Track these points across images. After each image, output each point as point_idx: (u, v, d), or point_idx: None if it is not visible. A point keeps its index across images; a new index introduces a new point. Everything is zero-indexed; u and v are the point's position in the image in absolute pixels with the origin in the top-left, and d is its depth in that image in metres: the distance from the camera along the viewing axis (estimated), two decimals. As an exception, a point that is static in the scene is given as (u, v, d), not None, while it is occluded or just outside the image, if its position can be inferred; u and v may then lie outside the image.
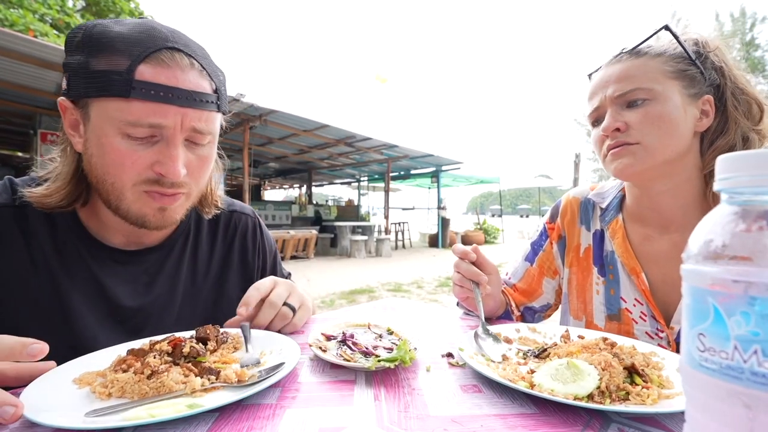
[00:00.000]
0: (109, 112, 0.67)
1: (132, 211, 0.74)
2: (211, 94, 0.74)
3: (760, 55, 23.10)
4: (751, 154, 0.28)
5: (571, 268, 1.05)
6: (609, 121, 0.85)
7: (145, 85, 0.66)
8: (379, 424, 0.49)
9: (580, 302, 1.02)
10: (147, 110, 0.67)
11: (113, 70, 0.66)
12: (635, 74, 0.83)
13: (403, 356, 0.63)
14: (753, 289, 0.25)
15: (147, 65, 0.67)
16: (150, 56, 0.67)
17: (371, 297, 5.92)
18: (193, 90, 0.71)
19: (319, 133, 10.20)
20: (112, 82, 0.66)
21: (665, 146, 0.82)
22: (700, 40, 0.87)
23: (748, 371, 0.25)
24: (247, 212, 1.08)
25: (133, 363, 0.58)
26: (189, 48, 0.72)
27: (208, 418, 0.50)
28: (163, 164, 0.71)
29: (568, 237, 1.08)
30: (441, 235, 14.60)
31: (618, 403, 0.53)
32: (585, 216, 1.05)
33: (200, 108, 0.72)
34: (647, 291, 0.89)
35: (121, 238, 0.84)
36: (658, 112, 0.81)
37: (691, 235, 0.31)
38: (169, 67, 0.69)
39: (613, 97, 0.85)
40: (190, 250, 0.94)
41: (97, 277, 0.81)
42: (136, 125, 0.68)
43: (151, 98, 0.67)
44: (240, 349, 0.72)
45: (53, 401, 0.51)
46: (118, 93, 0.66)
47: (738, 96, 0.85)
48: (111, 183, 0.72)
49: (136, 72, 0.66)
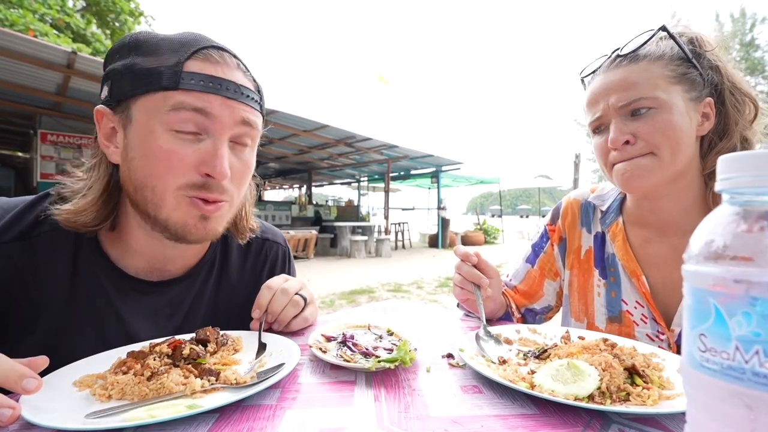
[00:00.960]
0: (155, 104, 0.66)
1: (172, 219, 0.70)
2: (255, 93, 0.75)
3: (760, 55, 23.10)
4: (752, 155, 0.28)
5: (572, 270, 1.05)
6: (616, 134, 0.82)
7: (193, 76, 0.66)
8: (380, 424, 0.48)
9: (581, 304, 1.02)
10: (194, 97, 0.67)
11: (161, 65, 0.66)
12: (637, 81, 0.80)
13: (404, 357, 0.63)
14: (754, 289, 0.25)
15: (195, 60, 0.68)
16: (198, 52, 0.68)
17: (371, 297, 5.91)
18: (240, 84, 0.71)
19: (319, 133, 10.20)
20: (160, 75, 0.66)
21: (675, 157, 0.80)
22: (696, 38, 0.85)
23: (749, 372, 0.25)
24: (279, 241, 1.04)
25: (133, 365, 0.58)
26: (234, 52, 0.74)
27: (208, 418, 0.49)
28: (210, 164, 0.69)
29: (568, 239, 1.07)
30: (441, 236, 14.60)
31: (618, 403, 0.53)
32: (586, 218, 1.05)
33: (246, 102, 0.72)
34: (648, 293, 0.89)
35: (144, 264, 0.80)
36: (665, 121, 0.79)
37: (693, 236, 0.31)
38: (217, 63, 0.70)
39: (617, 106, 0.82)
40: (215, 279, 0.90)
41: (118, 311, 0.77)
42: (181, 109, 0.66)
43: (199, 88, 0.67)
44: (240, 351, 0.72)
45: (53, 403, 0.51)
46: (165, 85, 0.65)
47: (736, 95, 0.84)
48: (152, 187, 0.69)
49: (185, 65, 0.67)
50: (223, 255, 0.93)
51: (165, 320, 0.83)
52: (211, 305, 0.89)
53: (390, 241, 12.69)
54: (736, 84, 0.84)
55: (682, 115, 0.79)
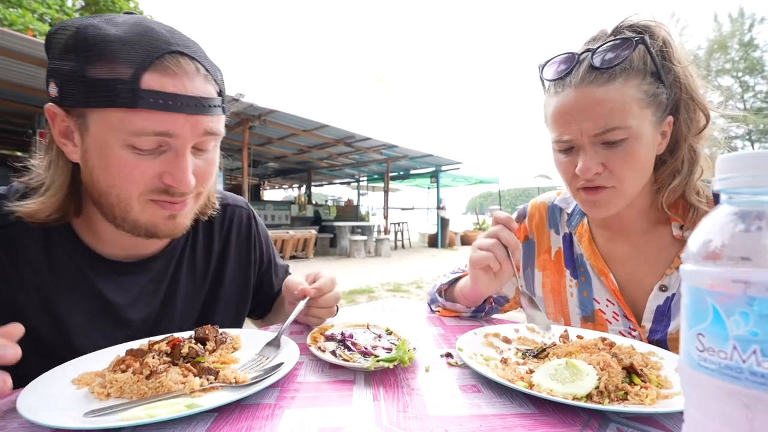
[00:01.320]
0: (113, 123, 0.64)
1: (141, 222, 0.71)
2: (217, 98, 0.73)
3: (759, 55, 23.14)
4: (751, 155, 0.28)
5: (544, 271, 1.06)
6: (587, 164, 0.79)
7: (152, 95, 0.63)
8: (378, 424, 0.48)
9: (557, 305, 1.03)
10: (154, 120, 0.64)
11: (116, 78, 0.62)
12: (613, 108, 0.75)
13: (402, 356, 0.63)
14: (752, 289, 0.25)
15: (153, 73, 0.64)
16: (154, 63, 0.64)
17: (370, 297, 5.91)
18: (201, 96, 0.69)
19: (319, 133, 10.20)
20: (116, 92, 0.62)
21: (637, 187, 0.82)
22: (665, 42, 0.80)
23: (747, 371, 0.25)
24: (241, 204, 1.05)
25: (132, 363, 0.58)
26: (191, 50, 0.70)
27: (207, 418, 0.49)
28: (173, 175, 0.68)
29: (537, 240, 1.08)
30: (440, 235, 14.61)
31: (617, 402, 0.53)
32: (553, 220, 1.07)
33: (209, 114, 0.70)
34: (617, 290, 0.91)
35: (119, 252, 0.81)
36: (635, 153, 0.77)
37: (691, 236, 0.31)
38: (176, 75, 0.66)
39: (591, 134, 0.77)
40: (189, 252, 0.93)
41: (102, 293, 0.78)
42: (142, 135, 0.65)
43: (160, 107, 0.64)
44: (239, 349, 0.72)
45: (52, 401, 0.51)
46: (123, 104, 0.62)
47: (690, 108, 0.82)
48: (117, 195, 0.69)
49: (142, 81, 0.63)
50: (194, 228, 0.93)
51: (150, 296, 0.84)
52: (190, 276, 0.92)
53: (389, 240, 12.70)
54: (692, 95, 0.81)
55: (648, 144, 0.78)
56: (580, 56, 0.80)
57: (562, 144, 0.83)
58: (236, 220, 1.02)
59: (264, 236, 1.10)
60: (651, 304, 0.86)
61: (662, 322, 0.85)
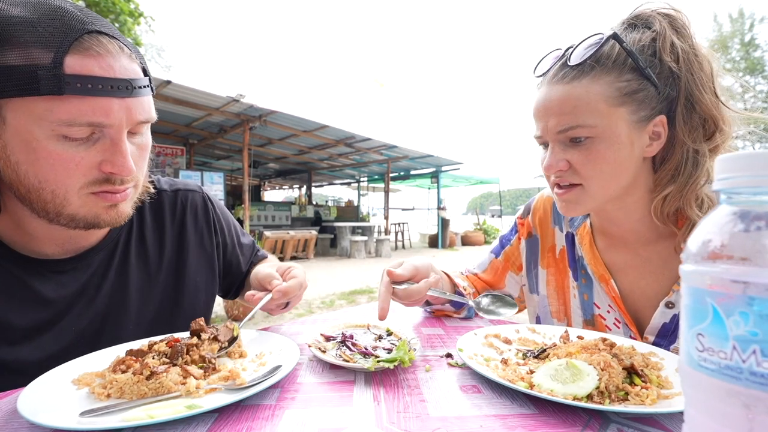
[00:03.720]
0: (38, 112, 0.59)
1: (80, 216, 0.68)
2: (144, 78, 0.68)
3: (760, 55, 23.13)
4: (750, 155, 0.28)
5: (548, 269, 1.03)
6: (550, 161, 0.80)
7: (79, 79, 0.59)
8: (379, 424, 0.49)
9: (560, 304, 1.01)
10: (85, 107, 0.60)
11: (34, 64, 0.57)
12: (577, 106, 0.74)
13: (403, 357, 0.63)
14: (751, 289, 0.25)
15: (75, 56, 0.59)
16: (74, 45, 0.59)
17: (371, 297, 5.91)
18: (130, 78, 0.64)
19: (319, 133, 10.20)
20: (37, 79, 0.57)
21: (607, 188, 0.79)
22: (660, 33, 0.75)
23: (746, 371, 0.25)
24: (193, 188, 1.00)
25: (132, 364, 0.58)
26: (108, 28, 0.64)
27: (207, 418, 0.49)
28: (113, 163, 0.65)
29: (541, 237, 1.06)
30: (441, 236, 14.60)
31: (617, 403, 0.53)
32: (557, 217, 1.04)
33: (140, 95, 0.66)
34: (618, 298, 0.88)
35: (55, 248, 0.76)
36: (601, 152, 0.75)
37: (690, 236, 0.31)
38: (100, 55, 0.61)
39: (555, 132, 0.78)
40: (136, 241, 0.88)
41: (42, 295, 0.73)
42: (73, 125, 0.60)
43: (89, 93, 0.60)
44: (245, 357, 0.71)
45: (52, 402, 0.51)
46: (48, 91, 0.57)
47: (689, 110, 0.76)
48: (51, 191, 0.64)
49: (65, 65, 0.58)
50: (140, 216, 0.89)
51: (95, 290, 0.80)
52: (142, 266, 0.87)
53: (390, 241, 12.69)
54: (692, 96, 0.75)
55: (621, 144, 0.75)
56: (565, 53, 0.79)
57: (538, 139, 0.85)
58: (190, 204, 0.98)
59: (225, 217, 1.06)
60: (656, 321, 0.82)
61: (667, 337, 0.82)
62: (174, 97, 7.58)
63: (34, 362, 0.70)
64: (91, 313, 0.79)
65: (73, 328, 0.77)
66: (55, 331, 0.75)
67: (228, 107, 8.17)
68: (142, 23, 12.98)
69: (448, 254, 12.49)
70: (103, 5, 11.62)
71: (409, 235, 15.59)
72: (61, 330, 0.75)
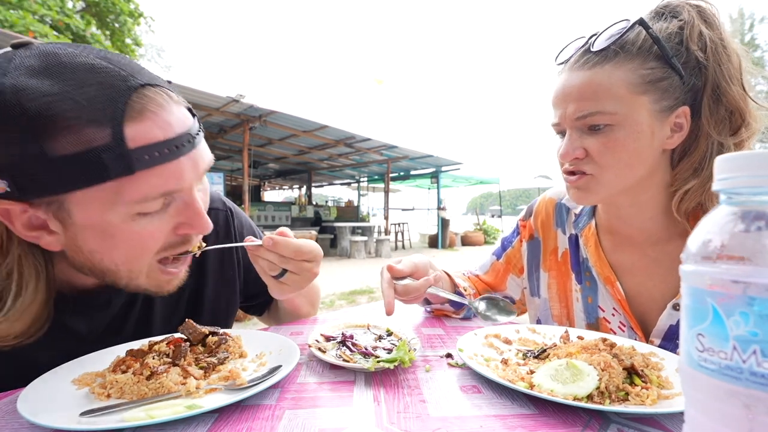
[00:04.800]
0: (107, 198, 0.53)
1: (142, 287, 0.65)
2: (195, 122, 0.63)
3: (760, 55, 23.13)
4: (750, 155, 0.28)
5: (550, 272, 1.02)
6: (566, 148, 0.78)
7: (146, 151, 0.53)
8: (379, 424, 0.49)
9: (562, 307, 0.99)
10: (157, 179, 0.55)
11: (94, 147, 0.50)
12: (598, 91, 0.73)
13: (403, 357, 0.63)
14: (752, 289, 0.25)
15: (132, 124, 0.52)
16: (127, 109, 0.52)
17: (371, 298, 5.91)
18: (187, 132, 0.59)
19: (319, 133, 10.19)
20: (103, 163, 0.50)
21: (622, 177, 0.77)
22: (687, 22, 0.74)
23: (747, 371, 0.25)
24: (217, 206, 0.94)
25: (133, 364, 0.58)
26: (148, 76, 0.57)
27: (207, 418, 0.49)
28: (191, 224, 0.62)
29: (543, 239, 1.04)
30: (441, 236, 14.59)
31: (617, 403, 0.53)
32: (560, 219, 1.02)
33: (199, 144, 0.62)
34: (623, 301, 0.86)
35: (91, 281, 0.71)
36: (620, 141, 0.73)
37: (690, 236, 0.31)
38: (156, 114, 0.54)
39: (573, 118, 0.76)
40: None
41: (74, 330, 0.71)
42: (149, 200, 0.56)
43: (159, 162, 0.54)
44: (245, 357, 0.71)
45: (52, 402, 0.51)
46: (118, 173, 0.51)
47: (714, 101, 0.74)
48: (128, 270, 0.61)
49: (126, 138, 0.51)
50: None
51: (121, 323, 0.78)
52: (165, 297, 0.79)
53: (390, 241, 12.69)
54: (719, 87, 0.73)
55: (641, 133, 0.73)
56: (588, 41, 0.78)
57: (555, 127, 0.83)
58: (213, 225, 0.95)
59: (248, 232, 1.00)
60: (663, 323, 0.80)
61: (673, 340, 0.80)
62: (174, 98, 7.58)
63: None
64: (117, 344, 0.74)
65: None
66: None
67: (228, 107, 8.17)
68: (142, 23, 12.98)
69: (448, 254, 12.48)
70: (103, 5, 11.63)
71: (409, 236, 15.58)
72: None
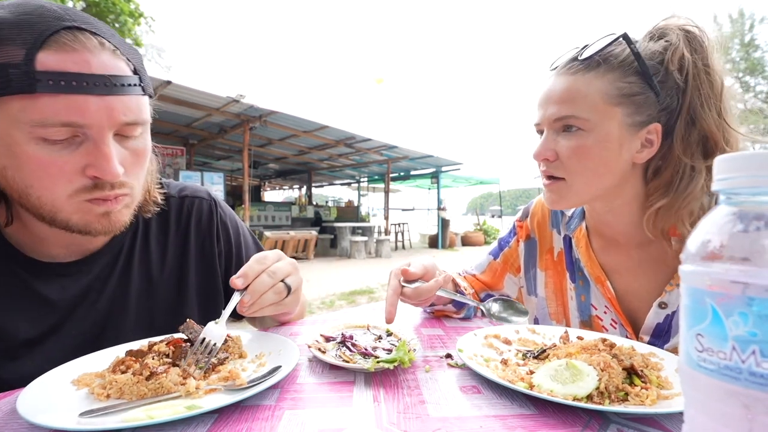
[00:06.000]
0: (13, 113, 0.56)
1: (73, 222, 0.66)
2: (132, 76, 0.64)
3: (760, 55, 23.14)
4: (750, 155, 0.28)
5: (546, 271, 1.05)
6: (539, 148, 0.82)
7: (50, 76, 0.55)
8: (379, 425, 0.49)
9: (558, 305, 1.02)
10: (58, 106, 0.57)
11: (7, 63, 0.55)
12: (576, 97, 0.77)
13: (402, 357, 0.63)
14: (751, 289, 0.25)
15: (48, 52, 0.56)
16: (48, 40, 0.56)
17: (371, 298, 5.91)
18: (111, 74, 0.60)
19: (319, 134, 10.20)
20: (8, 77, 0.55)
21: (590, 185, 0.80)
22: (672, 44, 0.76)
23: (746, 371, 0.25)
24: (201, 195, 0.97)
25: (132, 364, 0.58)
26: (91, 25, 0.61)
27: (207, 419, 0.49)
28: (96, 166, 0.61)
29: (539, 239, 1.07)
30: (441, 236, 14.59)
31: (617, 403, 0.53)
32: (555, 220, 1.05)
33: (123, 94, 0.62)
34: (614, 299, 0.89)
35: (61, 249, 0.76)
36: (587, 147, 0.76)
37: (690, 236, 0.31)
38: (75, 51, 0.58)
39: (551, 120, 0.80)
40: (141, 246, 0.86)
41: (46, 297, 0.74)
42: (48, 125, 0.57)
43: (62, 89, 0.56)
44: (245, 358, 0.71)
45: (51, 402, 0.51)
46: (19, 89, 0.55)
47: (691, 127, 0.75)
48: (37, 197, 0.62)
49: (37, 61, 0.55)
50: (146, 222, 0.88)
51: (97, 294, 0.80)
52: (143, 272, 0.86)
53: (390, 241, 12.69)
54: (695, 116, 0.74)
55: (609, 143, 0.76)
56: (582, 50, 0.81)
57: (536, 127, 0.87)
58: (195, 212, 0.94)
59: (233, 225, 1.01)
60: (650, 321, 0.84)
61: (661, 337, 0.84)
62: (174, 98, 7.58)
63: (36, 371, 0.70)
64: (92, 317, 0.79)
65: (74, 332, 0.77)
66: (57, 336, 0.75)
67: (228, 107, 8.17)
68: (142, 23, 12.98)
69: (448, 254, 12.49)
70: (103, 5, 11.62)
71: (409, 236, 15.59)
72: (63, 334, 0.75)
